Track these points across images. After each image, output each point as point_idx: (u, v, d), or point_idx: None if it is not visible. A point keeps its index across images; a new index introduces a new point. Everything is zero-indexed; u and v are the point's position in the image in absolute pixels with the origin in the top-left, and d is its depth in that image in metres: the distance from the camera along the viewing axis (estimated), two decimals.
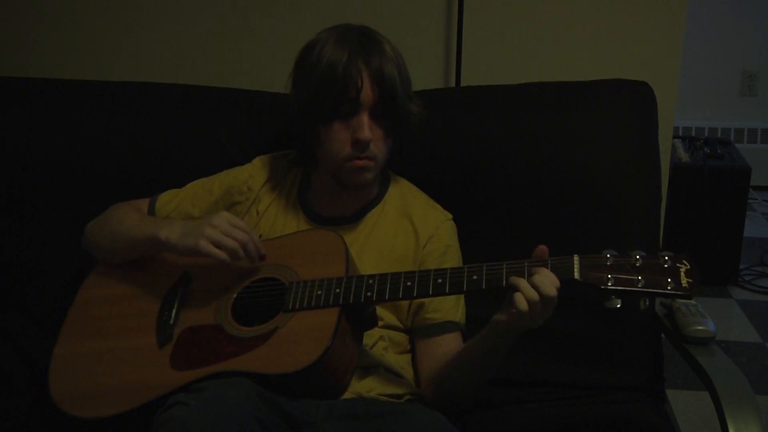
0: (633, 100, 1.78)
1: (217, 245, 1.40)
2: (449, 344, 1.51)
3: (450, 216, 1.62)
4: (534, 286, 1.25)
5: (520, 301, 1.25)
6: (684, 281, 1.23)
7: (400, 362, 1.53)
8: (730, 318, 3.14)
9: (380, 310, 1.50)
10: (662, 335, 1.74)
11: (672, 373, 2.53)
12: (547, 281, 1.25)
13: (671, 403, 2.51)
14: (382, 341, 1.51)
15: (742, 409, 1.39)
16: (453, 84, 2.02)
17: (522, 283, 1.26)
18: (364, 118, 1.46)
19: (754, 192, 4.08)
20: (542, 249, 1.30)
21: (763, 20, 4.35)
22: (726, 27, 4.33)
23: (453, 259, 1.58)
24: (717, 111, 4.48)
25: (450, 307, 1.53)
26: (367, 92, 1.45)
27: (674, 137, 3.19)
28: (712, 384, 1.46)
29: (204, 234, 1.41)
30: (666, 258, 1.25)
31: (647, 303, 1.25)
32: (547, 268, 1.27)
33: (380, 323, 1.49)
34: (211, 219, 1.43)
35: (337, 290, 1.36)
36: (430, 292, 1.34)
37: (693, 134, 4.25)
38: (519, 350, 1.67)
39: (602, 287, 1.25)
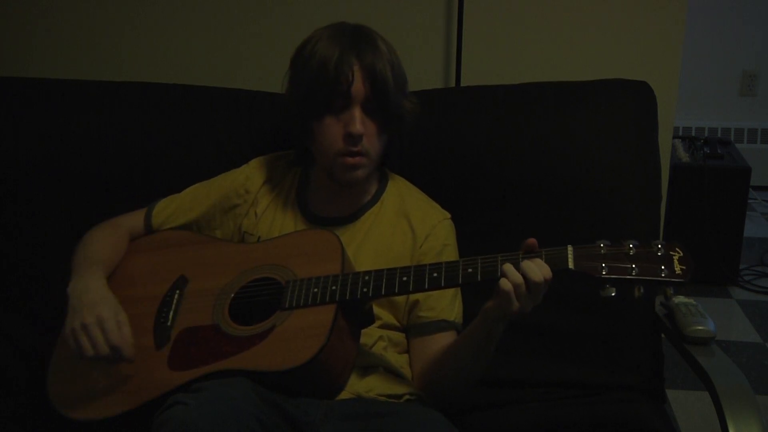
0: (633, 100, 1.78)
1: (76, 341, 1.37)
2: (442, 343, 1.51)
3: (448, 215, 1.62)
4: (521, 271, 1.26)
5: (504, 283, 1.26)
6: (677, 268, 1.24)
7: (400, 362, 1.53)
8: (730, 318, 3.14)
9: (378, 310, 1.50)
10: (662, 335, 1.74)
11: (672, 373, 2.52)
12: (535, 267, 1.26)
13: (671, 403, 2.51)
14: (382, 341, 1.51)
15: (742, 409, 1.39)
16: (453, 84, 2.02)
17: (509, 267, 1.27)
18: (356, 112, 1.46)
19: (754, 192, 4.08)
20: (532, 242, 1.30)
21: (763, 20, 4.35)
22: (726, 27, 4.33)
23: (450, 258, 1.57)
24: (717, 111, 4.48)
25: (445, 306, 1.53)
26: (358, 86, 1.45)
27: (674, 137, 3.19)
28: (712, 384, 1.46)
29: (73, 326, 1.38)
30: (659, 246, 1.26)
31: (642, 291, 1.25)
32: (542, 258, 1.28)
33: (379, 322, 1.50)
34: (86, 316, 1.38)
35: (333, 287, 1.37)
36: (426, 287, 1.34)
37: (693, 134, 4.25)
38: (518, 350, 1.69)
39: (596, 276, 1.25)
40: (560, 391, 1.69)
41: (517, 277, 1.26)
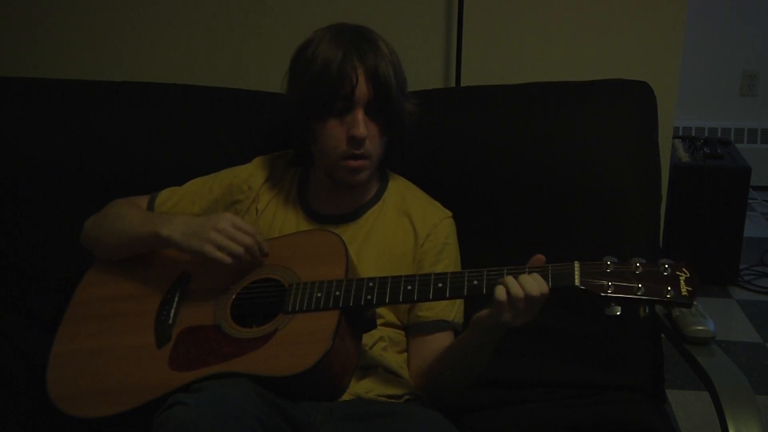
0: (633, 100, 1.78)
1: (222, 250, 1.41)
2: (440, 343, 1.51)
3: (449, 214, 1.62)
4: (519, 283, 1.26)
5: (500, 293, 1.27)
6: (683, 290, 1.23)
7: (399, 362, 1.53)
8: (730, 318, 3.14)
9: (379, 309, 1.50)
10: (662, 335, 1.74)
11: (672, 373, 2.52)
12: (532, 281, 1.26)
13: (671, 403, 2.51)
14: (382, 341, 1.51)
15: (742, 409, 1.39)
16: (453, 84, 2.02)
17: (509, 278, 1.28)
18: (359, 115, 1.46)
19: (754, 192, 4.08)
20: (539, 258, 1.30)
21: (763, 20, 4.35)
22: (726, 27, 4.33)
23: (450, 256, 1.57)
24: (717, 111, 4.48)
25: (444, 306, 1.53)
26: (362, 89, 1.45)
27: (674, 137, 3.19)
28: (712, 384, 1.45)
29: (209, 238, 1.41)
30: (666, 266, 1.25)
31: (647, 311, 1.25)
32: (548, 274, 1.28)
33: (380, 321, 1.49)
34: (215, 222, 1.43)
35: (337, 293, 1.36)
36: (431, 297, 1.34)
37: (693, 134, 4.25)
38: (518, 351, 1.69)
39: (602, 294, 1.25)
40: (560, 391, 1.69)
41: (517, 290, 1.26)
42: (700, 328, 1.60)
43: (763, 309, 3.20)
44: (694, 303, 1.52)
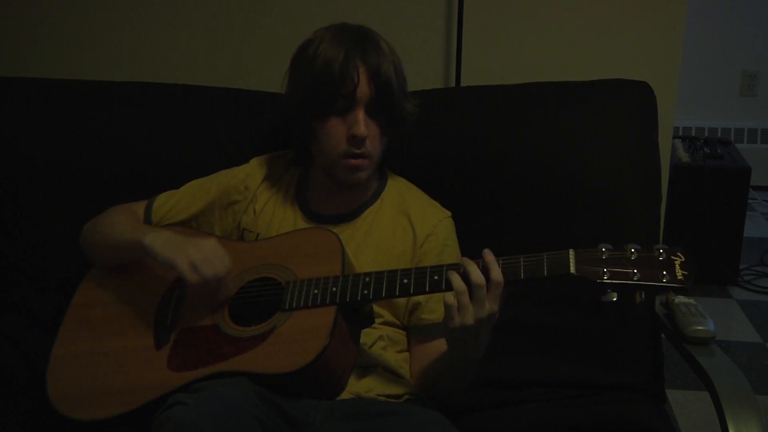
0: (633, 100, 1.78)
1: (194, 267, 1.39)
2: (442, 346, 1.50)
3: (448, 214, 1.62)
4: (464, 276, 1.27)
5: (447, 297, 1.27)
6: (679, 273, 1.23)
7: (399, 361, 1.53)
8: (730, 318, 3.14)
9: (378, 309, 1.50)
10: (662, 335, 1.74)
11: (672, 373, 2.53)
12: (475, 269, 1.26)
13: (671, 403, 2.51)
14: (381, 341, 1.51)
15: (742, 409, 1.39)
16: (453, 84, 2.02)
17: (453, 273, 1.28)
18: (360, 114, 1.46)
19: (754, 192, 4.08)
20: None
21: (763, 20, 4.35)
22: (726, 27, 4.34)
23: (451, 257, 1.57)
24: (717, 111, 4.48)
25: None
26: (363, 88, 1.45)
27: (674, 137, 3.19)
28: (712, 384, 1.46)
29: (186, 252, 1.40)
30: (661, 251, 1.25)
31: (643, 296, 1.24)
32: (543, 262, 1.28)
33: (379, 320, 1.49)
34: (198, 241, 1.42)
35: (334, 289, 1.36)
36: (427, 289, 1.34)
37: (693, 134, 4.25)
38: (518, 351, 1.69)
39: (598, 281, 1.25)
40: (560, 391, 1.69)
41: (459, 283, 1.27)
42: (700, 328, 1.60)
43: (763, 309, 3.20)
44: (694, 302, 1.52)
